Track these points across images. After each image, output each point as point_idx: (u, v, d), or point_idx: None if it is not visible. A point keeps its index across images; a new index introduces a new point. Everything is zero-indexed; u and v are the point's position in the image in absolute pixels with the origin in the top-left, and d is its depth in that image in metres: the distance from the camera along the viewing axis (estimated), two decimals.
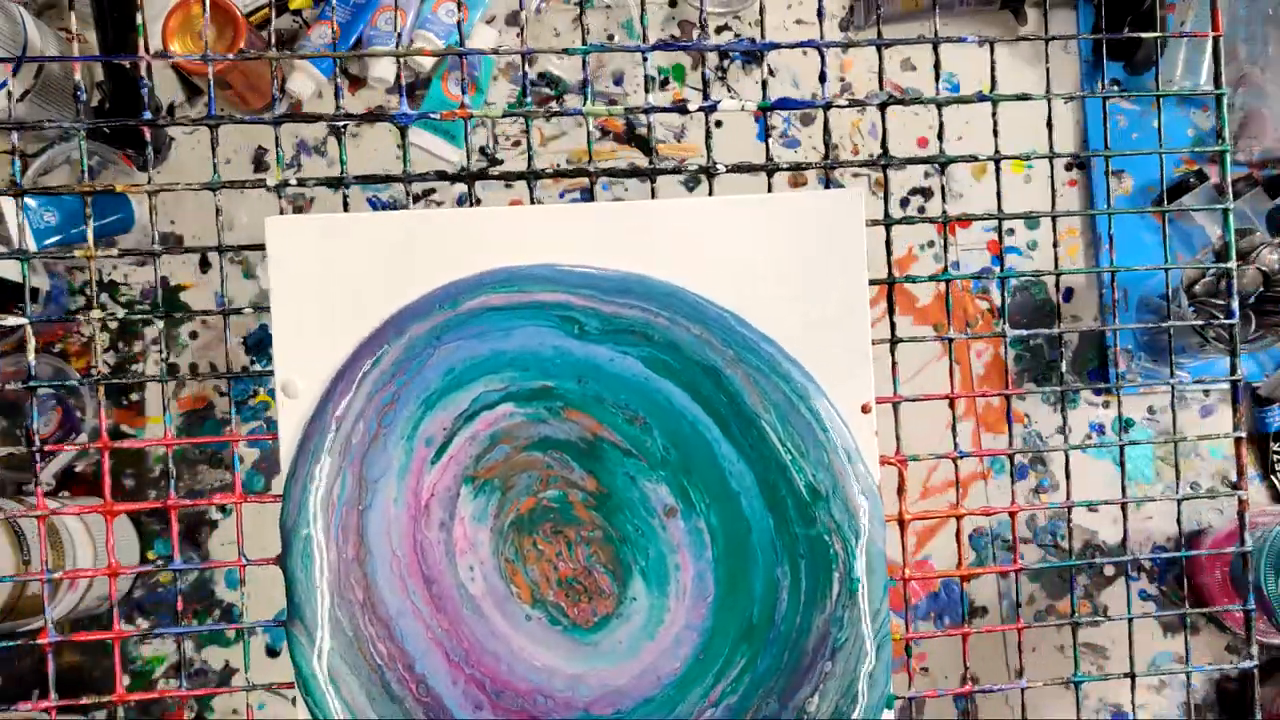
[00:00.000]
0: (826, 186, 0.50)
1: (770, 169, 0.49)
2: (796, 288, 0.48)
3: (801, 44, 0.52)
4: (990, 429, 0.85)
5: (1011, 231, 0.88)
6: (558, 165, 0.87)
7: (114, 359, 0.81)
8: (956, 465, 0.52)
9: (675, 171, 0.50)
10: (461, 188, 0.86)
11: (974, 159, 0.55)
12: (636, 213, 0.48)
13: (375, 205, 0.85)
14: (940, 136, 0.54)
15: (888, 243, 0.52)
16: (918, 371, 0.82)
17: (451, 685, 0.46)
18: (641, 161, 0.87)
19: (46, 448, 0.50)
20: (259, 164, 0.85)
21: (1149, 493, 0.85)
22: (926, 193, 0.88)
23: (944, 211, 0.54)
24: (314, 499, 0.47)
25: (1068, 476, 0.56)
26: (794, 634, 0.48)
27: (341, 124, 0.52)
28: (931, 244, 0.87)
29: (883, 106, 0.52)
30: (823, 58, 0.51)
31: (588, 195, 0.86)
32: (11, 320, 0.50)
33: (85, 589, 0.70)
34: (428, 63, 0.86)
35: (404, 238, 0.47)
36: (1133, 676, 0.52)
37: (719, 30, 0.90)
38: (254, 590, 0.79)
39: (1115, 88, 0.90)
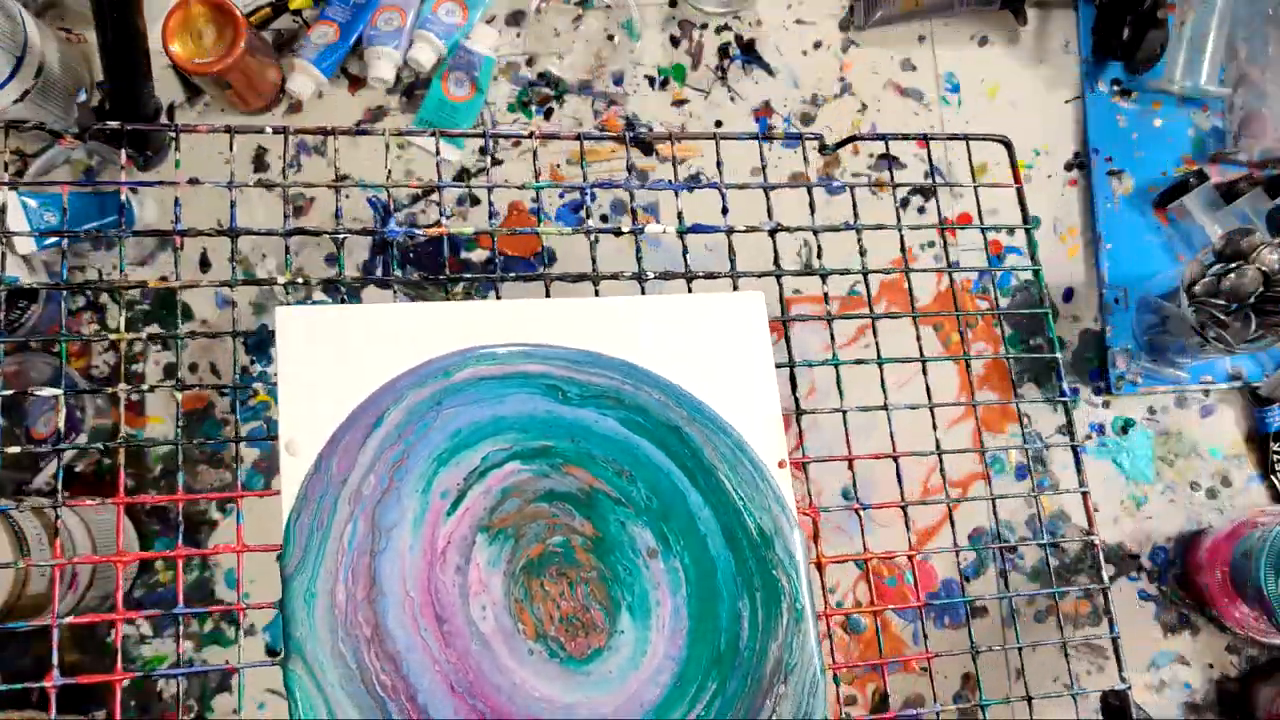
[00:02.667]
0: (734, 289, 0.60)
1: (689, 277, 0.60)
2: (719, 367, 0.57)
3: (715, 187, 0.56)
4: (990, 428, 0.85)
5: (1011, 231, 0.88)
6: (556, 166, 0.87)
7: (113, 359, 0.81)
8: (860, 517, 0.59)
9: (614, 277, 0.60)
10: (462, 189, 0.86)
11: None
12: (587, 307, 0.57)
13: (375, 206, 0.85)
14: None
15: (787, 338, 0.61)
16: (915, 374, 0.82)
17: (454, 715, 0.49)
18: (640, 160, 0.87)
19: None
20: (259, 164, 0.85)
21: (1149, 491, 0.85)
22: (926, 192, 0.88)
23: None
24: (315, 542, 0.50)
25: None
26: (755, 660, 0.53)
27: (341, 236, 0.58)
28: (932, 244, 0.87)
29: (773, 233, 0.62)
30: (723, 196, 0.61)
31: (579, 204, 0.86)
32: (48, 391, 0.53)
33: (84, 589, 0.70)
34: (428, 63, 0.86)
35: (396, 326, 0.54)
36: (1029, 699, 0.58)
37: (719, 30, 0.90)
38: (254, 590, 0.79)
39: (1115, 87, 0.90)
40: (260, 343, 0.81)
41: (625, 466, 0.55)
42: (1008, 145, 0.68)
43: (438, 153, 0.70)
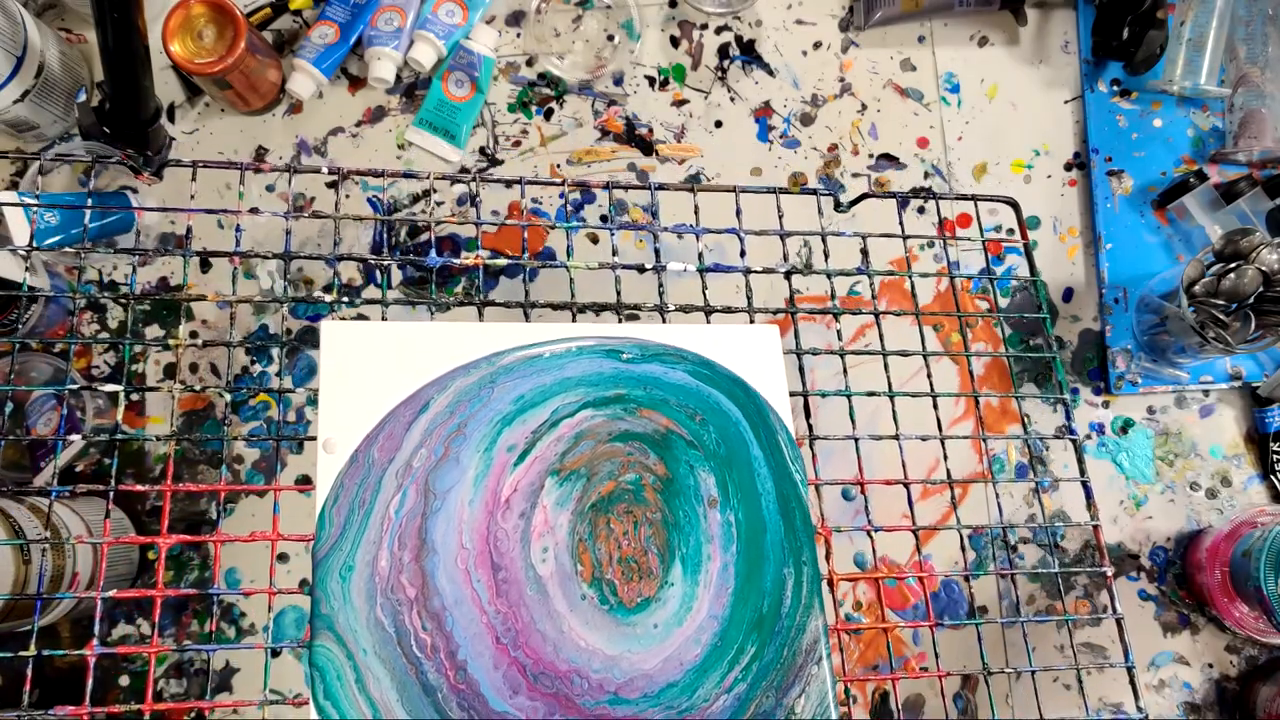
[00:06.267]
0: (751, 322, 0.63)
1: (709, 310, 0.63)
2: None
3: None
4: (990, 429, 0.85)
5: (1011, 231, 0.88)
6: (557, 166, 0.87)
7: (114, 359, 0.81)
8: (872, 536, 0.61)
9: (636, 308, 0.60)
10: (462, 188, 0.86)
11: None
12: (615, 332, 0.59)
13: (375, 206, 0.85)
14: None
15: (800, 370, 0.63)
16: (915, 373, 0.82)
17: (493, 670, 0.50)
18: (641, 160, 0.87)
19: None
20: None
21: (1149, 491, 0.85)
22: (927, 193, 0.88)
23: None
24: (356, 519, 0.52)
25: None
26: (794, 631, 0.54)
27: (386, 264, 0.55)
28: (932, 244, 0.87)
29: (789, 275, 0.65)
30: (742, 240, 0.67)
31: (590, 197, 0.86)
32: (110, 387, 0.56)
33: (84, 588, 0.70)
34: (429, 63, 0.86)
35: (431, 342, 0.56)
36: None
37: (719, 30, 0.90)
38: (253, 588, 0.79)
39: (1115, 87, 0.90)
40: (260, 341, 0.81)
41: (698, 410, 0.57)
42: (1015, 206, 0.70)
43: (471, 202, 0.70)
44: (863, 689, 0.81)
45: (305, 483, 0.80)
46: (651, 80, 0.89)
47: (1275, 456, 0.85)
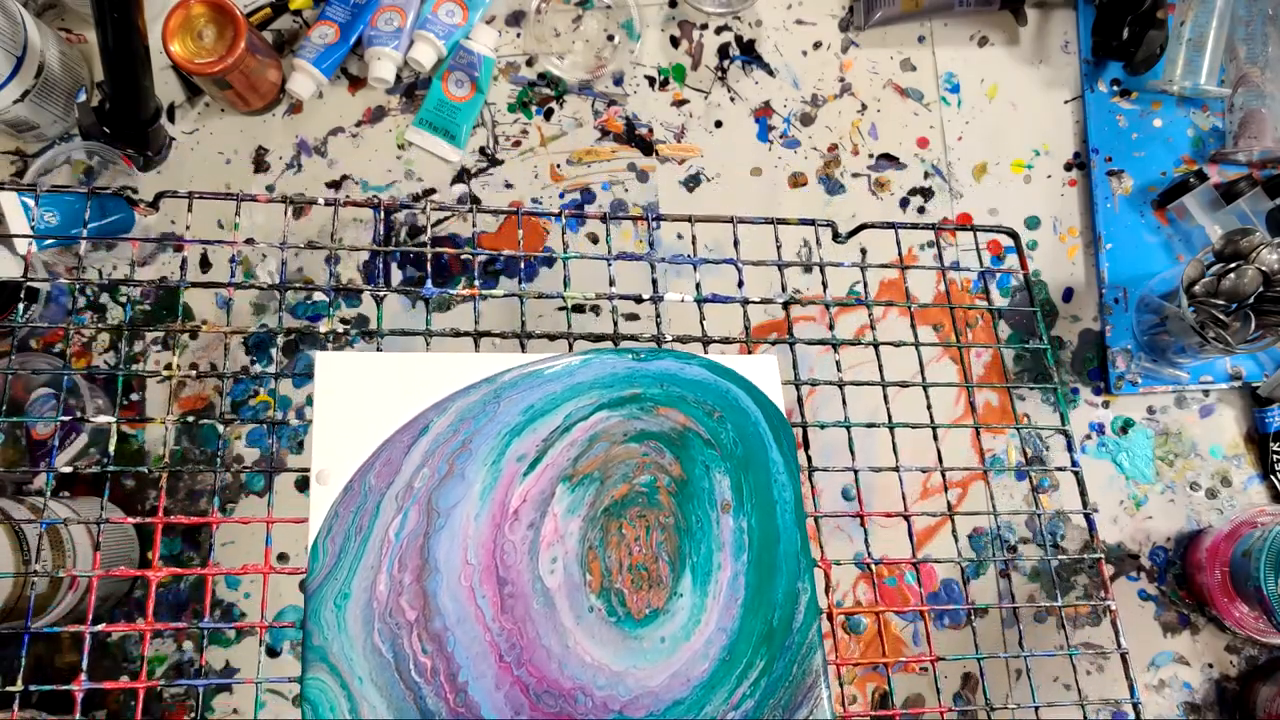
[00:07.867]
0: (749, 352, 0.62)
1: (706, 341, 0.63)
2: None
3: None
4: (990, 429, 0.85)
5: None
6: (557, 166, 0.87)
7: (114, 359, 0.81)
8: (872, 570, 0.59)
9: (633, 338, 0.61)
10: (462, 187, 0.86)
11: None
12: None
13: (374, 208, 0.85)
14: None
15: (799, 400, 0.62)
16: (911, 375, 0.82)
17: (494, 690, 0.49)
18: (641, 160, 0.87)
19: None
20: (259, 164, 0.85)
21: (1149, 491, 0.85)
22: (926, 193, 0.88)
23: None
24: (351, 546, 0.51)
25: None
26: (806, 647, 0.53)
27: (381, 294, 0.59)
28: (932, 244, 0.87)
29: (786, 305, 0.65)
30: (739, 270, 0.64)
31: (590, 197, 0.86)
32: (103, 419, 0.56)
33: (84, 590, 0.70)
34: (429, 63, 0.86)
35: (426, 372, 0.55)
36: None
37: (719, 30, 0.90)
38: (254, 589, 0.79)
39: (1115, 87, 0.90)
40: (260, 342, 0.81)
41: (716, 407, 0.56)
42: (1014, 236, 0.69)
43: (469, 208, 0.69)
44: (862, 688, 0.81)
45: (303, 486, 0.80)
46: (651, 80, 0.89)
47: (1275, 456, 0.85)
